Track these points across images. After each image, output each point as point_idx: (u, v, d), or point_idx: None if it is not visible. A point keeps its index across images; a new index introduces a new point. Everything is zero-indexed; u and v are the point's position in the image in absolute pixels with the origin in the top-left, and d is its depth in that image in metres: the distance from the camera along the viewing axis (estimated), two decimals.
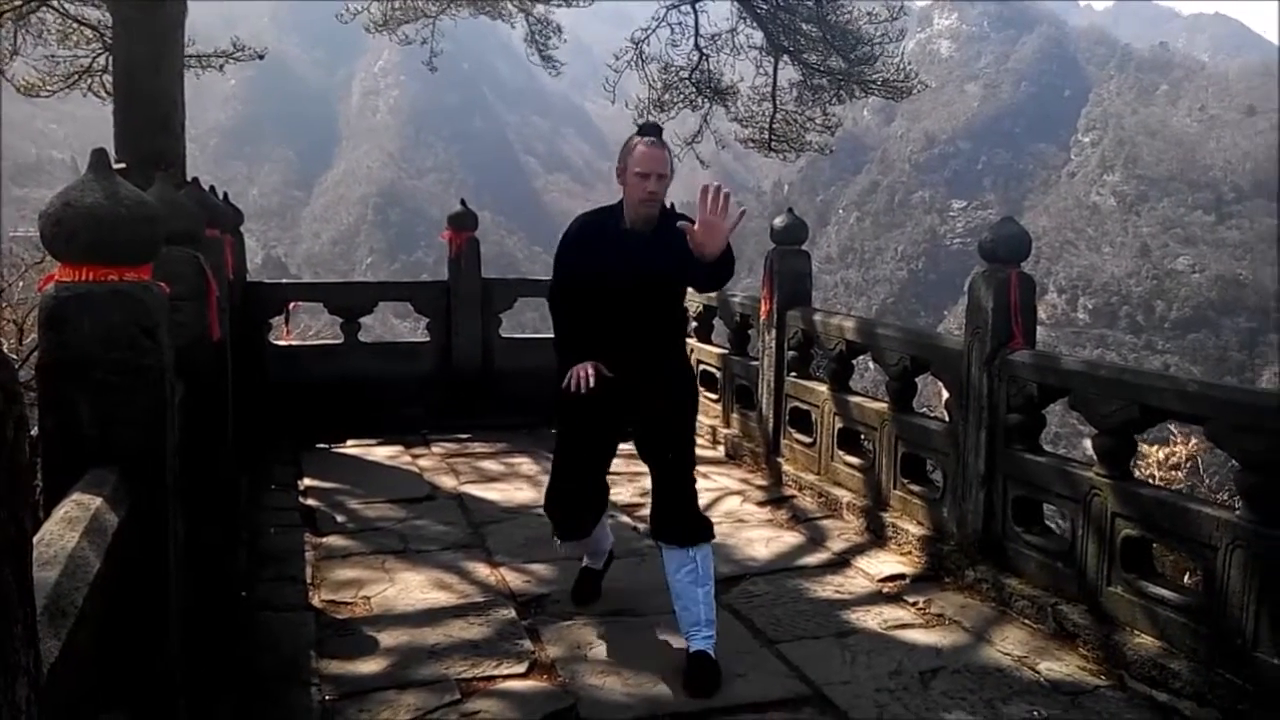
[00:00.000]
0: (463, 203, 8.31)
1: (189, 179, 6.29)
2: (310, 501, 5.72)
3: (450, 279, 8.08)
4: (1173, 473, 9.86)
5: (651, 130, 3.58)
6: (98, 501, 1.98)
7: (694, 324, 7.99)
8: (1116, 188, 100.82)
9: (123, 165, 5.27)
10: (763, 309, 6.69)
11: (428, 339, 8.18)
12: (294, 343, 8.51)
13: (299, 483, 6.11)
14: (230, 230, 6.62)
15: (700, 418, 7.66)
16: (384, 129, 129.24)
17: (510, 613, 4.16)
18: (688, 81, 12.95)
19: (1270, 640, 3.23)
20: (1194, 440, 9.66)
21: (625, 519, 5.56)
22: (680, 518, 3.68)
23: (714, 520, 5.49)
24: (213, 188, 6.42)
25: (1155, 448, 10.22)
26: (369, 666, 3.64)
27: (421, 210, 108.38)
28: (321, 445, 7.04)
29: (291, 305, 8.23)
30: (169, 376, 2.38)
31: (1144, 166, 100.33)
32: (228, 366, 4.74)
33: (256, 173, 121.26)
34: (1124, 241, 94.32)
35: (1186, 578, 4.44)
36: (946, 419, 5.05)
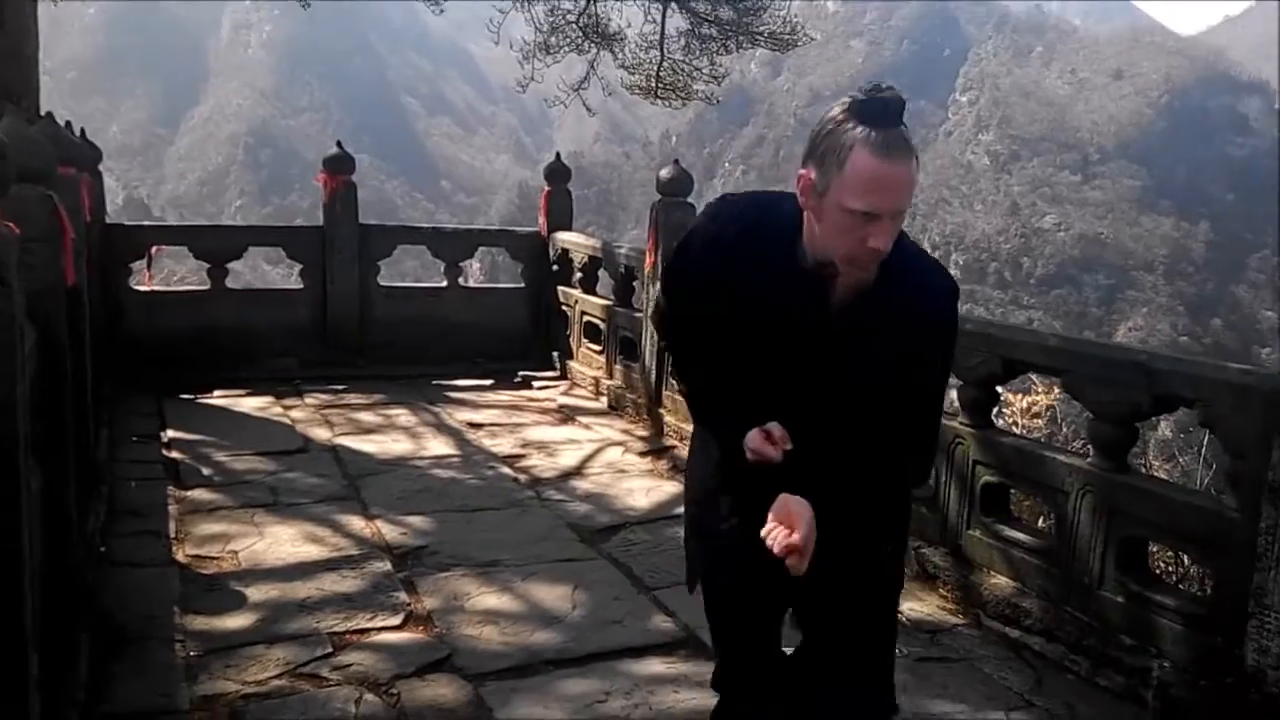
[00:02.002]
0: (339, 144, 8.03)
1: (43, 113, 5.91)
2: (174, 454, 5.51)
3: (325, 224, 7.82)
4: (1034, 420, 10.38)
5: (888, 114, 1.72)
6: None
7: (579, 274, 7.95)
8: (990, 147, 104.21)
9: None
10: (647, 261, 6.69)
11: (301, 286, 7.92)
12: (157, 288, 8.13)
13: (162, 434, 5.88)
14: (88, 169, 6.28)
15: (584, 369, 7.67)
16: (256, 65, 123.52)
17: (386, 565, 4.10)
18: (574, 26, 12.74)
19: (1115, 579, 3.44)
20: (1055, 390, 10.16)
21: (506, 470, 5.55)
22: None
23: (595, 472, 5.60)
24: (69, 123, 6.03)
25: (1019, 396, 10.72)
26: (236, 622, 3.55)
27: (296, 151, 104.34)
28: (186, 396, 6.77)
29: (154, 249, 7.84)
30: (19, 323, 2.24)
31: (1017, 127, 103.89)
32: (85, 313, 4.51)
33: (117, 109, 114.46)
34: (995, 200, 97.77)
35: (1040, 521, 4.67)
36: None
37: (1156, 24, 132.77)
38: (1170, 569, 4.66)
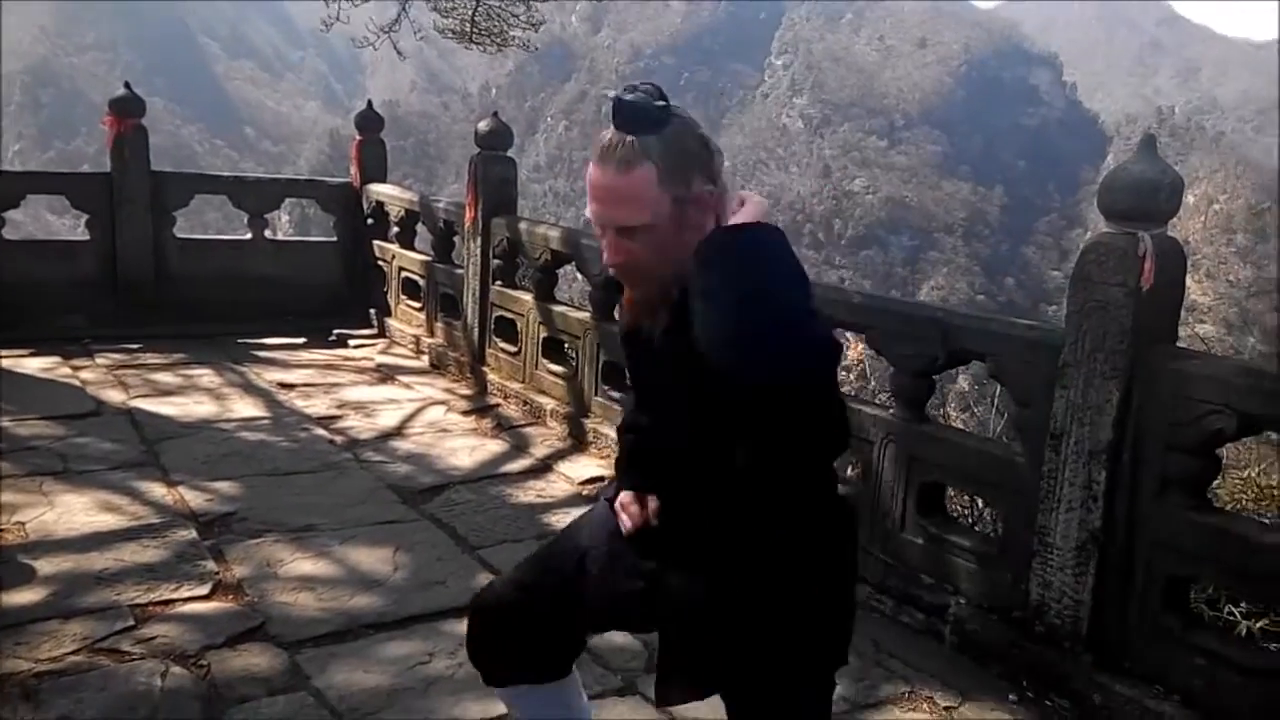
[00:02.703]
0: (127, 85, 7.44)
1: None
2: None
3: (113, 171, 7.24)
4: (842, 374, 10.90)
5: (614, 115, 1.56)
6: None
7: (396, 229, 7.71)
8: (804, 110, 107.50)
9: None
10: (467, 216, 6.56)
11: (88, 238, 7.33)
12: None
13: None
14: None
15: (403, 327, 7.48)
16: None
17: (191, 533, 3.89)
18: None
19: (915, 522, 3.66)
20: (861, 346, 10.69)
21: (321, 432, 5.36)
22: None
23: (416, 432, 5.48)
24: None
25: None
26: (26, 597, 3.29)
27: (81, 93, 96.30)
28: None
29: None
30: None
31: (829, 91, 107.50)
32: None
33: None
34: (809, 162, 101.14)
35: (849, 470, 4.91)
36: None
37: None
38: (967, 512, 4.99)
